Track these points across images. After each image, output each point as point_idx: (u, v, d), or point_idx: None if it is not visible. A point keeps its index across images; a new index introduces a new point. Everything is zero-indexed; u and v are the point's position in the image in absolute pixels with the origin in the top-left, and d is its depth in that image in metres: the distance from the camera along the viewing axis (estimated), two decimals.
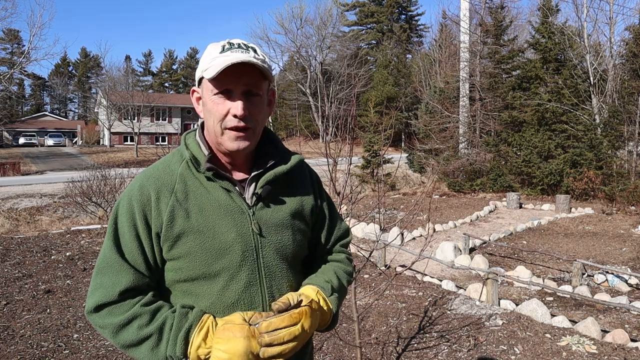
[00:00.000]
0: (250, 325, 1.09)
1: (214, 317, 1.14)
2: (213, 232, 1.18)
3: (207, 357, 1.08)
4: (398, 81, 36.31)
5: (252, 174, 1.25)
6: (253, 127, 1.20)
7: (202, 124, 1.30)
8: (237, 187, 1.23)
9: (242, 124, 1.18)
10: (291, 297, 1.17)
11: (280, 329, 1.09)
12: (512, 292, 6.82)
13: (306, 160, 1.43)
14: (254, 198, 1.24)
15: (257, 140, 1.26)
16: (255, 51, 1.21)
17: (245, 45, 1.21)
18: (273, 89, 1.32)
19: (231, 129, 1.18)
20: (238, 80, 1.17)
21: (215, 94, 1.18)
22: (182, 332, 1.10)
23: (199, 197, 1.20)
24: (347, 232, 1.47)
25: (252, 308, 1.20)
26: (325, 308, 1.24)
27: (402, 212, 12.83)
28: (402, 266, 7.38)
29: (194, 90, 1.29)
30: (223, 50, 1.18)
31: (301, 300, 1.16)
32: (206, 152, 1.24)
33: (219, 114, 1.18)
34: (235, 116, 1.17)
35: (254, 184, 1.25)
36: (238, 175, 1.27)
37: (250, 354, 1.06)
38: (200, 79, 1.23)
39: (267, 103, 1.26)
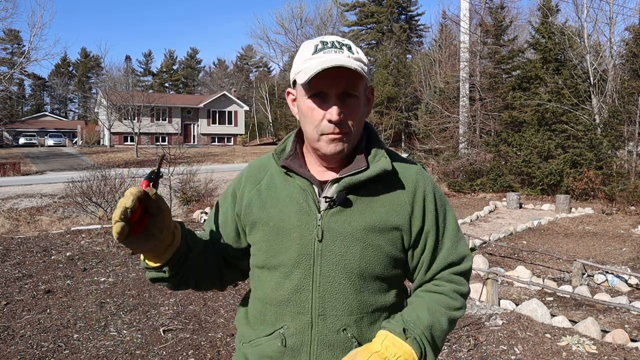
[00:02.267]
0: None
1: None
2: (278, 227, 1.20)
3: None
4: (398, 81, 36.31)
5: (334, 177, 1.19)
6: (349, 131, 1.15)
7: None
8: (315, 188, 1.19)
9: (337, 129, 1.13)
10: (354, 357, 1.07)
11: None
12: (512, 292, 6.82)
13: None
14: (327, 202, 1.17)
15: (355, 143, 1.19)
16: (350, 49, 1.15)
17: (339, 43, 1.15)
18: (371, 86, 1.25)
19: (327, 134, 1.14)
20: (333, 82, 1.11)
21: (309, 98, 1.14)
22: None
23: (278, 191, 1.23)
24: (462, 259, 1.25)
25: (300, 313, 1.16)
26: (397, 353, 1.07)
27: None
28: None
29: (289, 92, 1.26)
30: (316, 51, 1.14)
31: None
32: (290, 150, 1.26)
33: (314, 119, 1.14)
34: (330, 121, 1.12)
35: (333, 187, 1.18)
36: (326, 176, 1.21)
37: None
38: (295, 81, 1.19)
39: (364, 103, 1.20)
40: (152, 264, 1.13)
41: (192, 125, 47.48)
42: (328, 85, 1.11)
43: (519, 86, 18.55)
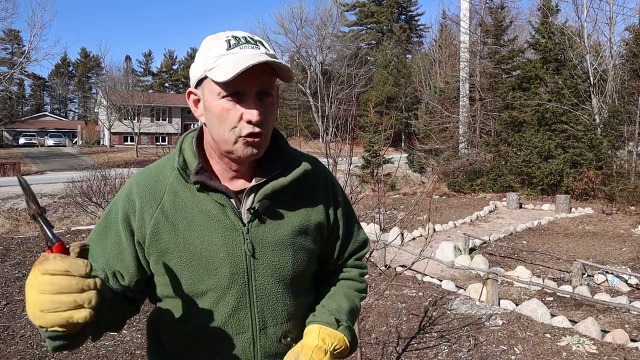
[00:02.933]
0: None
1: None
2: (200, 250, 1.07)
3: None
4: (398, 81, 36.32)
5: (250, 185, 1.11)
6: (266, 131, 1.08)
7: (201, 127, 1.16)
8: (232, 200, 1.10)
9: (257, 129, 1.05)
10: (293, 355, 1.08)
11: None
12: (512, 292, 6.82)
13: None
14: (250, 214, 1.10)
15: (267, 145, 1.12)
16: (263, 45, 1.08)
17: (252, 39, 1.07)
18: (277, 84, 1.17)
19: (246, 136, 1.05)
20: (252, 81, 1.03)
21: (223, 97, 1.04)
22: None
23: (189, 210, 1.09)
24: (364, 243, 1.31)
25: (240, 332, 1.11)
26: (334, 342, 1.10)
27: (402, 212, 12.83)
28: (402, 266, 7.38)
29: (190, 92, 1.12)
30: (230, 47, 1.04)
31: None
32: (195, 162, 1.10)
33: (230, 120, 1.04)
34: (249, 122, 1.04)
35: (252, 196, 1.11)
36: (238, 185, 1.13)
37: None
38: (201, 79, 1.07)
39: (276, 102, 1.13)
40: (61, 332, 0.82)
41: (192, 125, 47.47)
42: (246, 84, 1.03)
43: (519, 86, 18.55)
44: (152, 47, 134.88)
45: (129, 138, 43.00)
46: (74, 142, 47.61)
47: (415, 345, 4.24)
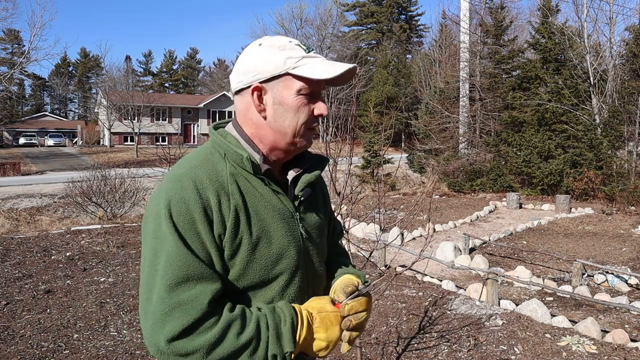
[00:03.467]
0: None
1: (300, 306, 1.15)
2: (270, 237, 1.14)
3: (308, 346, 1.11)
4: (398, 81, 36.31)
5: (293, 175, 1.24)
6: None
7: (236, 122, 1.23)
8: (286, 188, 1.23)
9: (316, 123, 1.21)
10: (352, 282, 1.23)
11: (360, 312, 1.17)
12: (512, 292, 6.82)
13: None
14: (298, 201, 1.22)
15: None
16: None
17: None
18: None
19: (312, 128, 1.21)
20: (324, 84, 1.19)
21: (300, 94, 1.15)
22: (287, 327, 1.07)
23: (255, 201, 1.14)
24: (341, 228, 1.54)
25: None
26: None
27: (402, 212, 12.83)
28: (402, 266, 7.39)
29: (258, 87, 1.16)
30: (307, 51, 1.18)
31: (361, 286, 1.24)
32: (257, 154, 1.18)
33: (304, 114, 1.17)
34: (319, 116, 1.19)
35: (294, 186, 1.24)
36: (283, 174, 1.27)
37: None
38: (276, 76, 1.14)
39: None
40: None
41: (192, 126, 47.48)
42: (322, 86, 1.18)
43: (519, 86, 18.55)
44: (152, 47, 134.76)
45: (129, 138, 43.00)
46: (74, 142, 47.61)
47: (415, 345, 4.25)
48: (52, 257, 6.88)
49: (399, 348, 4.18)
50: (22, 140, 44.83)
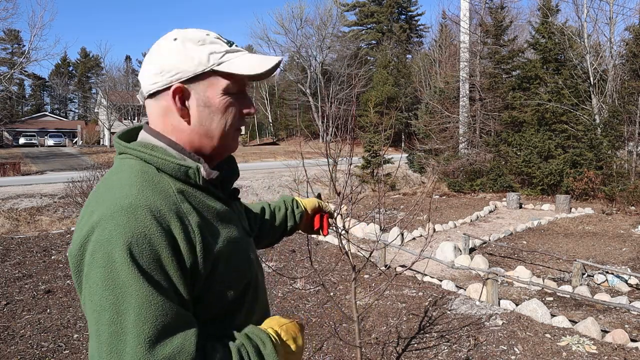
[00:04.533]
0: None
1: (264, 327, 1.08)
2: (235, 247, 1.06)
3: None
4: (398, 81, 36.32)
5: (221, 176, 1.12)
6: None
7: (151, 130, 1.07)
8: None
9: (244, 124, 1.14)
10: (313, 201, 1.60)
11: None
12: (512, 292, 6.83)
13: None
14: (230, 202, 1.15)
15: None
16: None
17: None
18: None
19: (238, 129, 1.11)
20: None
21: (227, 94, 1.05)
22: (268, 349, 0.99)
23: (209, 214, 1.03)
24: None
25: (266, 314, 1.19)
26: None
27: (402, 212, 12.84)
28: (402, 266, 7.39)
29: (181, 88, 1.02)
30: (230, 45, 1.06)
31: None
32: (197, 162, 1.05)
33: (233, 115, 1.06)
34: (247, 116, 1.11)
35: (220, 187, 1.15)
36: None
37: None
38: (198, 75, 1.02)
39: None
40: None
41: None
42: (247, 81, 1.09)
43: (519, 86, 18.55)
44: None
45: None
46: (74, 142, 47.62)
47: (415, 345, 4.25)
48: (52, 257, 6.88)
49: (399, 348, 4.18)
50: (22, 140, 44.85)
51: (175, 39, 1.04)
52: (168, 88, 1.02)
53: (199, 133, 1.05)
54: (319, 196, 1.71)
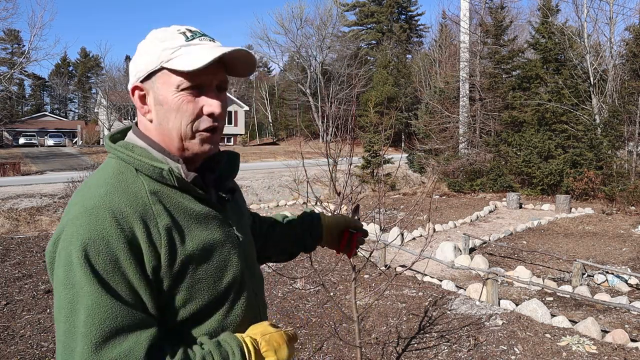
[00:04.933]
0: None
1: (242, 335, 1.04)
2: (210, 251, 1.02)
3: None
4: (398, 81, 36.31)
5: (212, 176, 1.12)
6: (222, 127, 1.06)
7: (137, 129, 1.07)
8: (207, 194, 1.08)
9: (215, 123, 1.03)
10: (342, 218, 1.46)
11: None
12: (512, 292, 6.83)
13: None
14: (221, 204, 1.11)
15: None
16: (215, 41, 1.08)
17: (207, 34, 1.06)
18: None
19: (204, 130, 1.02)
20: (214, 73, 1.02)
21: (182, 90, 0.99)
22: (237, 358, 0.96)
23: (185, 217, 1.00)
24: (257, 213, 1.55)
25: (255, 318, 1.11)
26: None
27: (402, 212, 12.83)
28: (402, 266, 7.38)
29: (137, 87, 1.03)
30: (188, 39, 1.01)
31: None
32: (176, 162, 1.03)
33: (189, 113, 1.00)
34: (210, 115, 1.02)
35: (214, 187, 1.12)
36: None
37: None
38: (152, 73, 1.01)
39: None
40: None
41: None
42: (209, 77, 1.01)
43: (519, 86, 18.55)
44: None
45: None
46: (74, 142, 47.60)
47: (415, 345, 4.25)
48: None
49: (399, 348, 4.18)
50: (22, 140, 44.82)
51: (146, 39, 1.06)
52: (134, 88, 1.05)
53: (161, 133, 1.03)
54: (356, 209, 1.52)
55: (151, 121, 1.04)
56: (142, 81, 1.03)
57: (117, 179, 0.97)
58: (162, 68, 1.00)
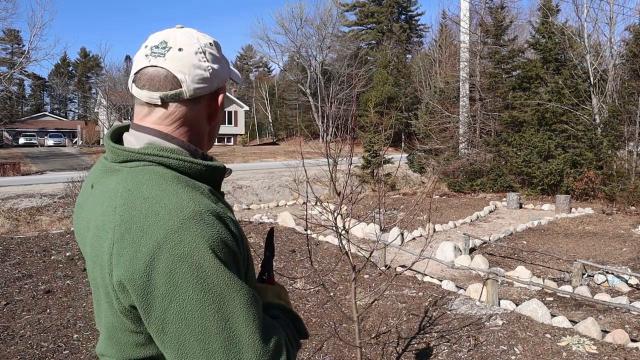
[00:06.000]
0: None
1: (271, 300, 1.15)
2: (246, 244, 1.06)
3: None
4: (398, 81, 36.29)
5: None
6: None
7: (155, 130, 1.01)
8: None
9: None
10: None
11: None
12: (512, 292, 6.82)
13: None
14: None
15: None
16: None
17: None
18: None
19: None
20: None
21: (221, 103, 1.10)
22: (302, 324, 1.12)
23: (231, 214, 1.03)
24: None
25: None
26: None
27: (402, 212, 12.83)
28: (402, 266, 7.38)
29: (221, 93, 1.09)
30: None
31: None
32: (208, 160, 1.06)
33: (220, 122, 1.13)
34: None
35: None
36: None
37: None
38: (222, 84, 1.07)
39: None
40: None
41: None
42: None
43: (519, 86, 18.55)
44: None
45: None
46: (74, 142, 47.61)
47: (415, 345, 4.24)
48: (52, 257, 6.87)
49: (399, 348, 4.18)
50: (22, 140, 44.81)
51: (208, 40, 1.04)
52: (216, 91, 1.05)
53: (196, 135, 1.05)
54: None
55: (210, 124, 1.08)
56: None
57: (181, 184, 0.93)
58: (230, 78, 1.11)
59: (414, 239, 10.09)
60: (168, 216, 0.86)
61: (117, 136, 1.06)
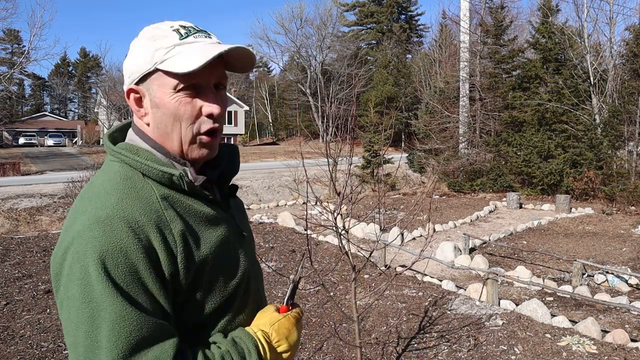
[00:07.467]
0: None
1: (251, 327, 1.05)
2: (223, 251, 1.01)
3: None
4: (398, 81, 36.30)
5: (214, 174, 1.09)
6: (222, 127, 1.02)
7: (138, 128, 1.03)
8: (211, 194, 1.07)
9: (216, 125, 0.99)
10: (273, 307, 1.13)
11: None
12: (512, 292, 6.82)
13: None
14: (225, 203, 1.10)
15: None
16: (213, 35, 1.03)
17: (203, 29, 1.02)
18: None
19: (205, 133, 0.99)
20: (211, 72, 0.97)
21: (178, 91, 0.95)
22: (254, 359, 0.97)
23: (196, 220, 0.98)
24: None
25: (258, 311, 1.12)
26: None
27: (402, 212, 12.83)
28: (402, 266, 7.38)
29: (132, 90, 0.99)
30: (182, 36, 0.97)
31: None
32: (181, 165, 1.00)
33: (189, 116, 0.96)
34: (210, 116, 0.98)
35: (216, 186, 1.10)
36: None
37: None
38: (147, 74, 0.97)
39: None
40: None
41: None
42: (206, 75, 0.96)
43: (519, 86, 18.55)
44: None
45: None
46: (74, 142, 47.60)
47: (415, 345, 4.24)
48: None
49: (399, 348, 4.18)
50: (21, 140, 44.80)
51: (138, 37, 1.00)
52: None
53: (161, 136, 1.00)
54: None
55: (148, 124, 1.00)
56: (136, 83, 0.99)
57: (126, 185, 0.94)
58: (157, 70, 0.96)
59: (414, 239, 10.09)
60: (86, 216, 0.90)
61: None
